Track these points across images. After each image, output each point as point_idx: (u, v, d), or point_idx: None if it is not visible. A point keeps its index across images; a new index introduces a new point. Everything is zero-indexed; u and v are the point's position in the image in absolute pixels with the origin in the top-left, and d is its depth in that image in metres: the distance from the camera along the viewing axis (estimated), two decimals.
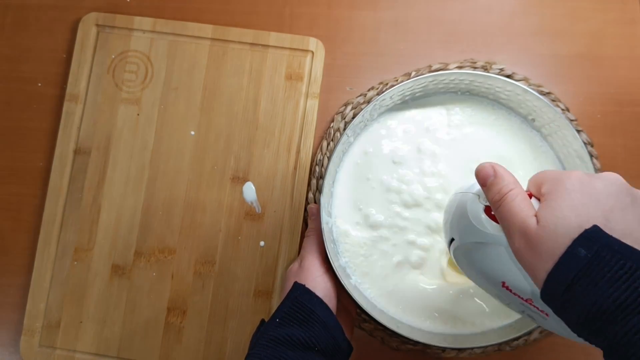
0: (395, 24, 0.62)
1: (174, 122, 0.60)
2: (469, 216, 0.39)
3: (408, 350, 0.56)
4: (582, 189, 0.31)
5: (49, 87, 0.62)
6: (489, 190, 0.35)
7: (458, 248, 0.41)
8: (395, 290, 0.55)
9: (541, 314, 0.37)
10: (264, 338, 0.43)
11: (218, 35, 0.60)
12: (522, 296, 0.37)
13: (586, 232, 0.29)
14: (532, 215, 0.32)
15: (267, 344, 0.42)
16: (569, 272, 0.28)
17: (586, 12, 0.61)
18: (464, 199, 0.40)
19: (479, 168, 0.36)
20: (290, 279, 0.49)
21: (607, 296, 0.27)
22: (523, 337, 0.54)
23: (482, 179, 0.36)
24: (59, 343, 0.57)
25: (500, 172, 0.35)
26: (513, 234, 0.32)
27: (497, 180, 0.35)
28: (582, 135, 0.58)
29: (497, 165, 0.36)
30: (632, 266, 0.27)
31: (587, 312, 0.28)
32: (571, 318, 0.30)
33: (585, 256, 0.28)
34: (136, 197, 0.59)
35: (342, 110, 0.60)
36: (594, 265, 0.28)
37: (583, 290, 0.28)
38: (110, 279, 0.58)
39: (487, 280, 0.40)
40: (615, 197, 0.30)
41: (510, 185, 0.34)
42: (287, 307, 0.45)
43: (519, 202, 0.33)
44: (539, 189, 0.34)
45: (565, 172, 0.33)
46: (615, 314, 0.27)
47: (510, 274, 0.37)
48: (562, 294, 0.29)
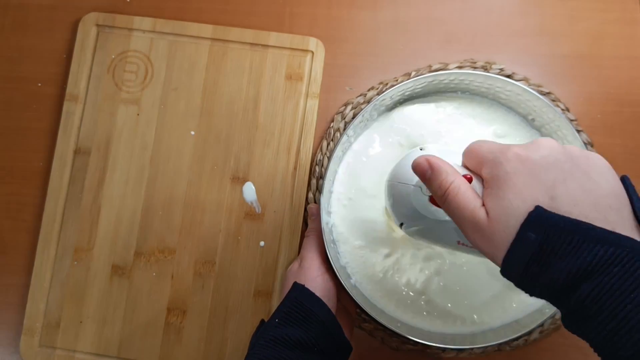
0: (395, 24, 0.62)
1: (174, 122, 0.60)
2: (417, 208, 0.39)
3: (408, 350, 0.56)
4: (522, 168, 0.31)
5: (49, 87, 0.62)
6: (430, 185, 0.35)
7: (410, 230, 0.43)
8: (395, 290, 0.55)
9: None
10: (263, 338, 0.43)
11: (218, 35, 0.60)
12: None
13: (531, 215, 0.29)
14: (479, 207, 0.32)
15: (267, 344, 0.42)
16: (523, 256, 0.30)
17: (586, 12, 0.61)
18: (406, 190, 0.41)
19: (414, 164, 0.36)
20: (290, 279, 0.49)
21: (560, 270, 0.28)
22: (523, 337, 0.54)
23: (420, 174, 0.36)
24: (59, 343, 0.57)
25: (436, 164, 0.34)
26: (465, 227, 0.33)
27: (434, 174, 0.34)
28: (582, 135, 0.58)
29: (432, 157, 0.35)
30: (578, 239, 0.28)
31: (545, 286, 0.30)
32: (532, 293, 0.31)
33: (535, 239, 0.29)
34: (136, 197, 0.59)
35: (342, 110, 0.60)
36: (545, 246, 0.29)
37: (539, 270, 0.29)
38: (110, 279, 0.58)
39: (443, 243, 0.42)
40: (555, 168, 0.30)
41: (450, 178, 0.34)
42: (286, 307, 0.45)
43: (463, 194, 0.33)
44: (479, 168, 0.34)
45: (501, 149, 0.33)
46: (570, 285, 0.28)
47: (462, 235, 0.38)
48: (520, 277, 0.30)
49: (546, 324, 0.54)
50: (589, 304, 0.28)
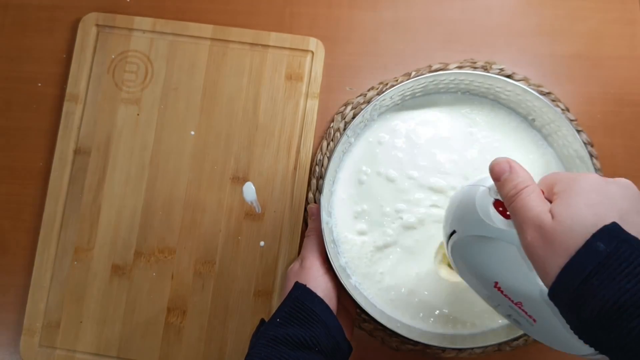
0: (395, 24, 0.62)
1: (174, 122, 0.60)
2: (477, 209, 0.38)
3: (408, 350, 0.56)
4: (598, 189, 0.31)
5: (49, 87, 0.62)
6: (503, 185, 0.35)
7: (458, 241, 0.41)
8: (395, 291, 0.55)
9: (529, 319, 0.37)
10: (264, 337, 0.43)
11: (218, 35, 0.60)
12: (512, 299, 0.37)
13: (605, 227, 0.29)
14: (546, 211, 0.32)
15: (268, 344, 0.42)
16: (587, 265, 0.28)
17: (586, 12, 0.61)
18: (473, 191, 0.40)
19: (495, 162, 0.36)
20: (291, 278, 0.49)
21: (626, 291, 0.27)
22: (523, 337, 0.54)
23: (496, 174, 0.36)
24: (59, 343, 0.57)
25: (516, 168, 0.35)
26: (526, 227, 0.32)
27: (512, 176, 0.35)
28: (582, 135, 0.58)
29: (513, 161, 0.36)
30: None
31: (603, 306, 0.28)
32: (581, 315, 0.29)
33: (604, 250, 0.28)
34: (136, 197, 0.59)
35: (342, 110, 0.60)
36: (612, 260, 0.28)
37: (600, 284, 0.28)
38: (110, 279, 0.58)
39: (480, 279, 0.40)
40: (630, 201, 0.31)
41: (527, 182, 0.34)
42: (287, 307, 0.45)
43: (534, 197, 0.33)
44: (551, 189, 0.34)
45: (580, 173, 0.34)
46: (632, 309, 0.27)
47: (505, 274, 0.37)
48: (576, 288, 0.29)
49: None
50: None
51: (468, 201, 0.40)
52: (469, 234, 0.40)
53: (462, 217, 0.41)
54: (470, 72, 0.53)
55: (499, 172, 0.36)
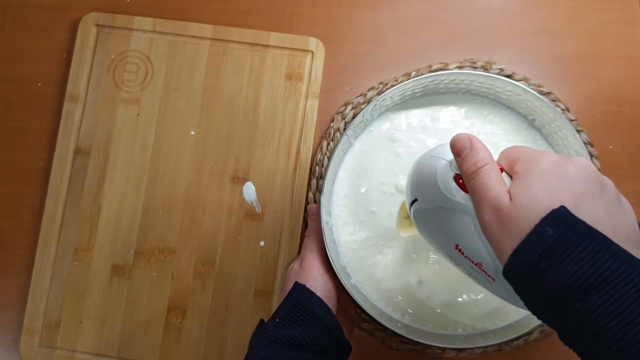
0: (395, 24, 0.62)
1: (174, 122, 0.60)
2: (438, 182, 0.39)
3: (408, 350, 0.56)
4: (557, 172, 0.31)
5: (49, 87, 0.62)
6: (463, 162, 0.35)
7: (419, 209, 0.42)
8: (395, 291, 0.55)
9: (488, 277, 0.38)
10: (264, 337, 0.43)
11: (218, 35, 0.60)
12: (472, 260, 0.38)
13: (554, 212, 0.29)
14: (505, 192, 0.32)
15: (267, 344, 0.42)
16: (536, 249, 0.29)
17: (586, 12, 0.61)
18: (433, 163, 0.40)
19: (456, 138, 0.36)
20: (290, 278, 0.49)
21: (571, 274, 0.28)
22: (523, 337, 0.54)
23: (457, 150, 0.36)
24: (59, 343, 0.57)
25: (477, 144, 0.35)
26: (484, 207, 0.33)
27: (473, 153, 0.35)
28: (582, 135, 0.58)
29: (474, 137, 0.35)
30: (594, 247, 0.28)
31: (550, 289, 0.29)
32: (532, 296, 0.30)
33: (552, 235, 0.29)
34: (136, 197, 0.59)
35: (342, 110, 0.60)
36: (560, 244, 0.28)
37: (548, 267, 0.29)
38: (110, 278, 0.58)
39: (442, 242, 0.41)
40: (586, 184, 0.31)
41: (486, 159, 0.34)
42: (287, 307, 0.45)
43: (493, 177, 0.33)
44: (511, 165, 0.34)
45: (539, 152, 0.33)
46: (577, 292, 0.28)
47: (464, 238, 0.38)
48: (526, 270, 0.30)
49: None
50: (596, 318, 0.27)
51: (429, 172, 0.40)
52: (430, 204, 0.40)
53: (423, 188, 0.41)
54: (470, 72, 0.53)
55: (460, 148, 0.35)
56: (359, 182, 0.56)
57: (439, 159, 0.40)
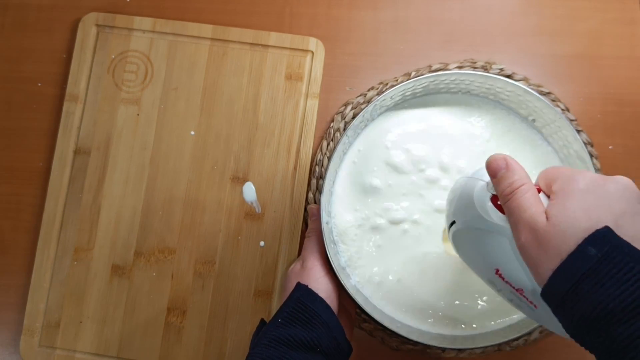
0: (395, 24, 0.62)
1: (174, 122, 0.60)
2: (475, 203, 0.38)
3: (408, 350, 0.56)
4: (595, 191, 0.31)
5: (49, 87, 0.62)
6: (499, 183, 0.35)
7: (458, 231, 0.41)
8: (396, 291, 0.55)
9: (529, 304, 0.37)
10: (266, 338, 0.43)
11: (218, 35, 0.60)
12: (513, 285, 0.38)
13: (597, 232, 0.29)
14: (542, 212, 0.31)
15: (269, 344, 0.42)
16: (578, 269, 0.28)
17: (586, 12, 0.61)
18: (471, 184, 0.40)
19: (491, 159, 0.36)
20: (292, 279, 0.49)
21: (614, 297, 0.27)
22: (523, 337, 0.54)
23: (493, 171, 0.35)
24: (59, 343, 0.57)
25: (513, 165, 0.35)
26: (521, 228, 0.32)
27: (508, 174, 0.34)
28: (582, 135, 0.58)
29: (510, 158, 0.35)
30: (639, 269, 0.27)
31: (591, 311, 0.28)
32: (572, 317, 0.29)
33: (595, 255, 0.28)
34: (136, 197, 0.59)
35: (342, 110, 0.60)
36: (603, 265, 0.28)
37: (590, 289, 0.28)
38: (110, 279, 0.58)
39: (482, 266, 0.41)
40: (627, 202, 0.30)
41: (522, 180, 0.33)
42: (289, 307, 0.45)
43: (529, 197, 0.32)
44: (549, 185, 0.34)
45: (577, 170, 0.33)
46: (620, 316, 0.27)
47: (505, 262, 0.38)
48: (567, 291, 0.29)
49: None
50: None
51: (467, 194, 0.40)
52: (468, 226, 0.40)
53: (461, 210, 0.41)
54: (470, 72, 0.53)
55: (496, 169, 0.35)
56: (359, 182, 0.56)
57: (476, 179, 0.40)
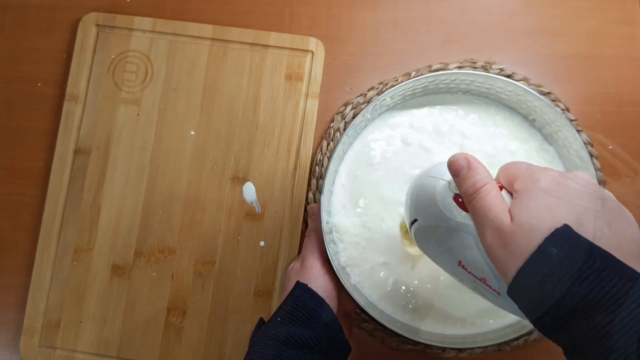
0: (395, 24, 0.62)
1: (174, 122, 0.60)
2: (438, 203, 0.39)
3: (408, 350, 0.56)
4: (557, 189, 0.31)
5: (49, 87, 0.62)
6: (462, 182, 0.35)
7: (420, 229, 0.42)
8: (395, 290, 0.55)
9: (492, 292, 0.38)
10: (265, 336, 0.43)
11: (218, 35, 0.60)
12: (476, 275, 0.38)
13: (557, 231, 0.29)
14: (505, 212, 0.32)
15: (269, 343, 0.42)
16: (540, 269, 0.29)
17: (586, 12, 0.61)
18: (432, 183, 0.40)
19: (452, 159, 0.35)
20: (291, 278, 0.49)
21: (576, 293, 0.28)
22: (523, 337, 0.54)
23: (455, 170, 0.35)
24: (59, 343, 0.57)
25: (474, 164, 0.34)
26: (486, 229, 0.32)
27: (471, 174, 0.34)
28: (582, 135, 0.58)
29: (471, 157, 0.35)
30: (599, 266, 0.28)
31: (555, 310, 0.29)
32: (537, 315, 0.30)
33: (556, 255, 0.29)
34: (136, 197, 0.59)
35: (342, 110, 0.60)
36: (564, 264, 0.28)
37: (553, 287, 0.29)
38: (110, 279, 0.58)
39: (444, 259, 0.41)
40: (588, 200, 0.31)
41: (485, 180, 0.33)
42: (289, 306, 0.45)
43: (493, 197, 0.33)
44: (511, 183, 0.34)
45: (539, 169, 0.33)
46: (582, 312, 0.28)
47: (467, 255, 0.38)
48: (531, 290, 0.30)
49: None
50: (602, 337, 0.27)
51: (428, 193, 0.40)
52: (429, 223, 0.40)
53: (423, 208, 0.41)
54: (470, 72, 0.53)
55: (458, 168, 0.35)
56: (360, 181, 0.56)
57: (437, 179, 0.40)
